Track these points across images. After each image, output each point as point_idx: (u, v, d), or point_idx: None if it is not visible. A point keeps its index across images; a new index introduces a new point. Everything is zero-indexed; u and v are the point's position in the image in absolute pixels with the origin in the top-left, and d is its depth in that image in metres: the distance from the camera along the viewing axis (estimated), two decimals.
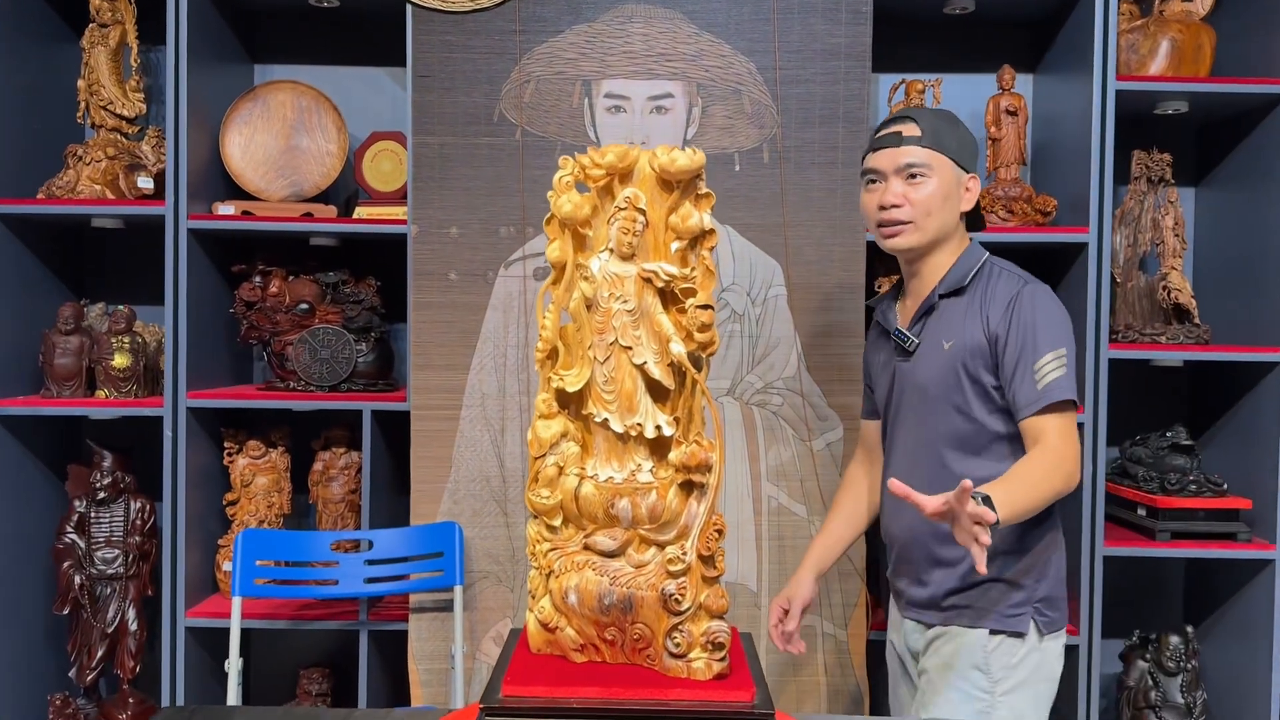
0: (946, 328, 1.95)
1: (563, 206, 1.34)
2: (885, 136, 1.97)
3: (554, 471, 1.37)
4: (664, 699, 1.27)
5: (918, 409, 1.98)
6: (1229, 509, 2.59)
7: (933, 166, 1.93)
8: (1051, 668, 1.96)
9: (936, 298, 1.97)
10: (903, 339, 2.00)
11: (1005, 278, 1.96)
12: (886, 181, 1.95)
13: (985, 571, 1.56)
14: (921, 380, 1.97)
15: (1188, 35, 2.63)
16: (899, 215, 1.94)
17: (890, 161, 1.95)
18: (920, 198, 1.93)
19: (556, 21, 2.55)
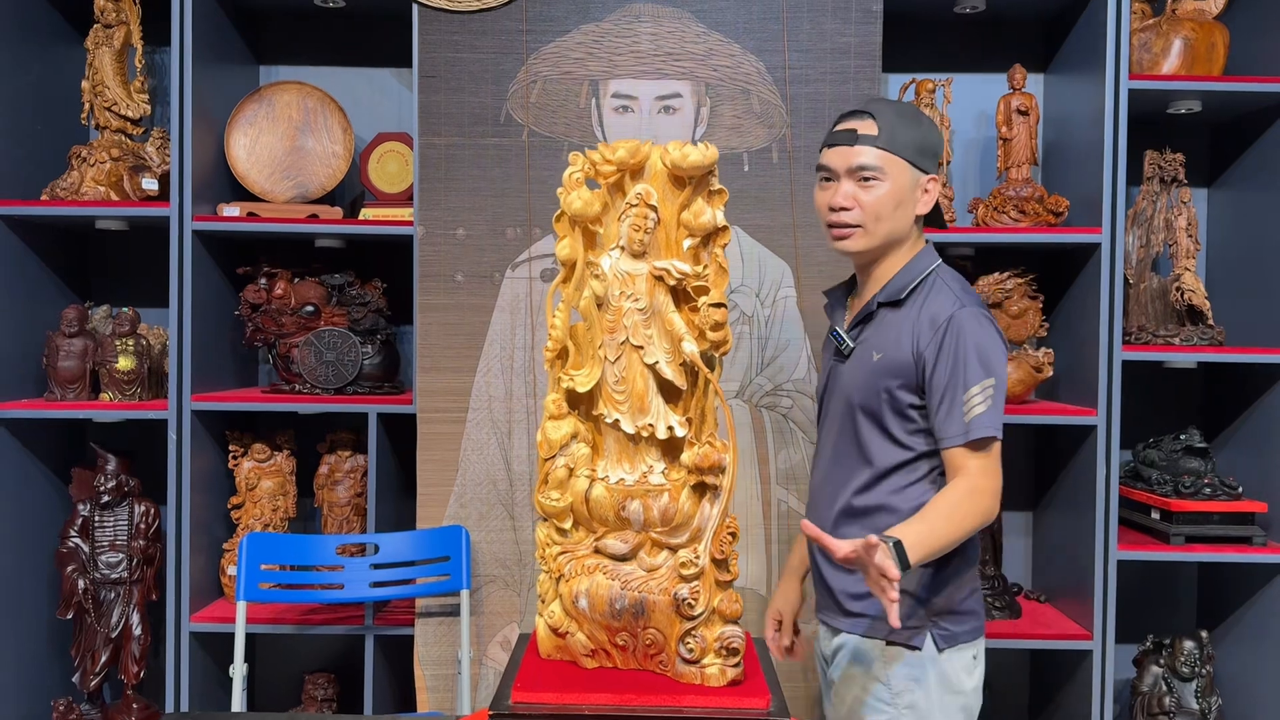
0: (880, 339, 1.88)
1: (573, 203, 1.32)
2: (840, 133, 1.88)
3: (564, 473, 1.34)
4: (677, 705, 1.25)
5: (842, 415, 1.92)
6: (1244, 512, 2.56)
7: (886, 170, 1.85)
8: (958, 681, 1.87)
9: (875, 305, 1.90)
10: (839, 340, 1.94)
11: (943, 295, 1.87)
12: (838, 181, 1.87)
13: (897, 625, 1.53)
14: (848, 387, 1.90)
15: (1201, 34, 2.61)
16: (848, 219, 1.86)
17: (843, 161, 1.86)
18: (870, 201, 1.85)
19: (564, 21, 2.53)
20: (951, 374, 1.78)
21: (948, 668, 1.85)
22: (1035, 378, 2.66)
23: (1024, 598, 2.82)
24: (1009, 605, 2.67)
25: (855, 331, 1.93)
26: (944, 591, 1.87)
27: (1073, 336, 2.68)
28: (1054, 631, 2.58)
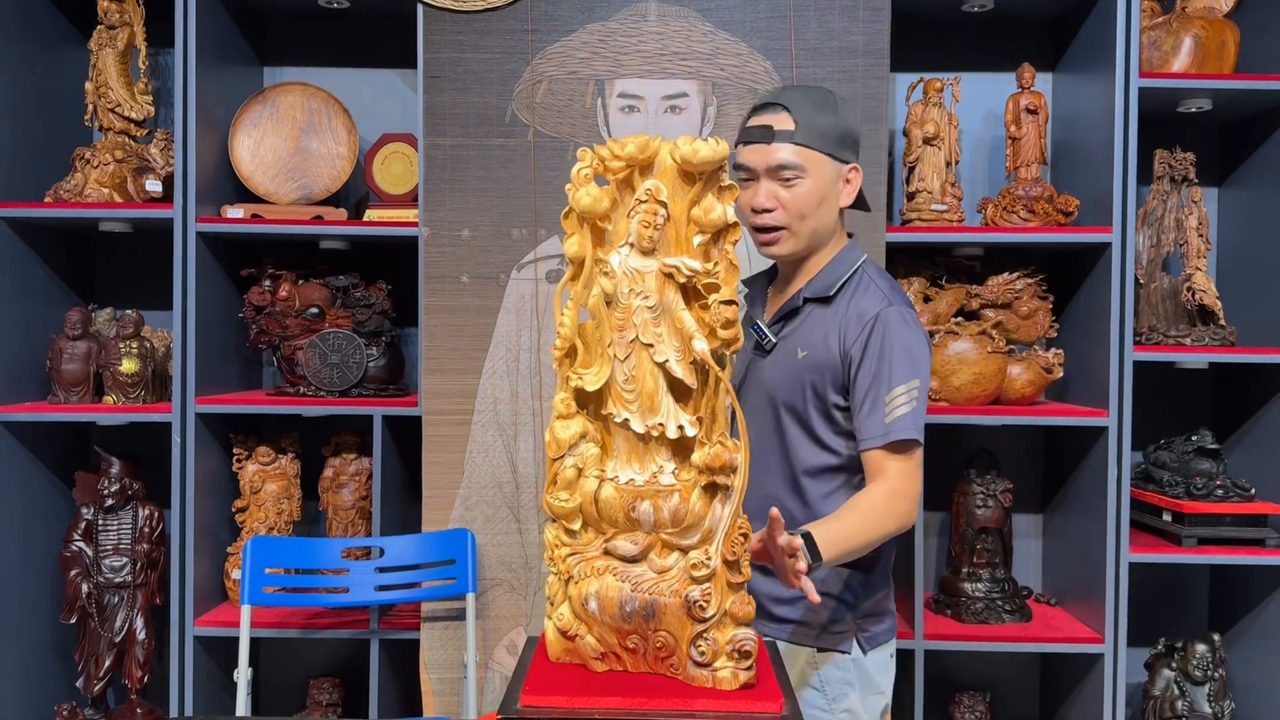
0: (805, 335, 1.84)
1: (581, 200, 1.30)
2: (755, 130, 1.81)
3: (573, 474, 1.32)
4: (689, 709, 1.23)
5: (762, 412, 1.87)
6: (1256, 514, 2.54)
7: (806, 167, 1.79)
8: (880, 681, 1.88)
9: (802, 300, 1.87)
10: (760, 334, 1.89)
11: (870, 293, 1.84)
12: (759, 181, 1.81)
13: (818, 601, 1.48)
14: (770, 383, 1.86)
15: (1211, 32, 2.59)
16: (772, 220, 1.81)
17: (761, 159, 1.80)
18: (793, 200, 1.80)
19: (569, 20, 2.51)
20: (876, 373, 1.75)
21: (871, 669, 1.86)
22: (1045, 379, 2.64)
23: (1034, 601, 2.79)
24: (1019, 608, 2.64)
25: (778, 326, 1.88)
26: (869, 594, 1.87)
27: (1083, 337, 2.66)
28: (1065, 635, 2.56)
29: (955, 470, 2.74)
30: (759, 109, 1.84)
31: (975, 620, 2.62)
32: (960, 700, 2.72)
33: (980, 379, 2.58)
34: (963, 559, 2.68)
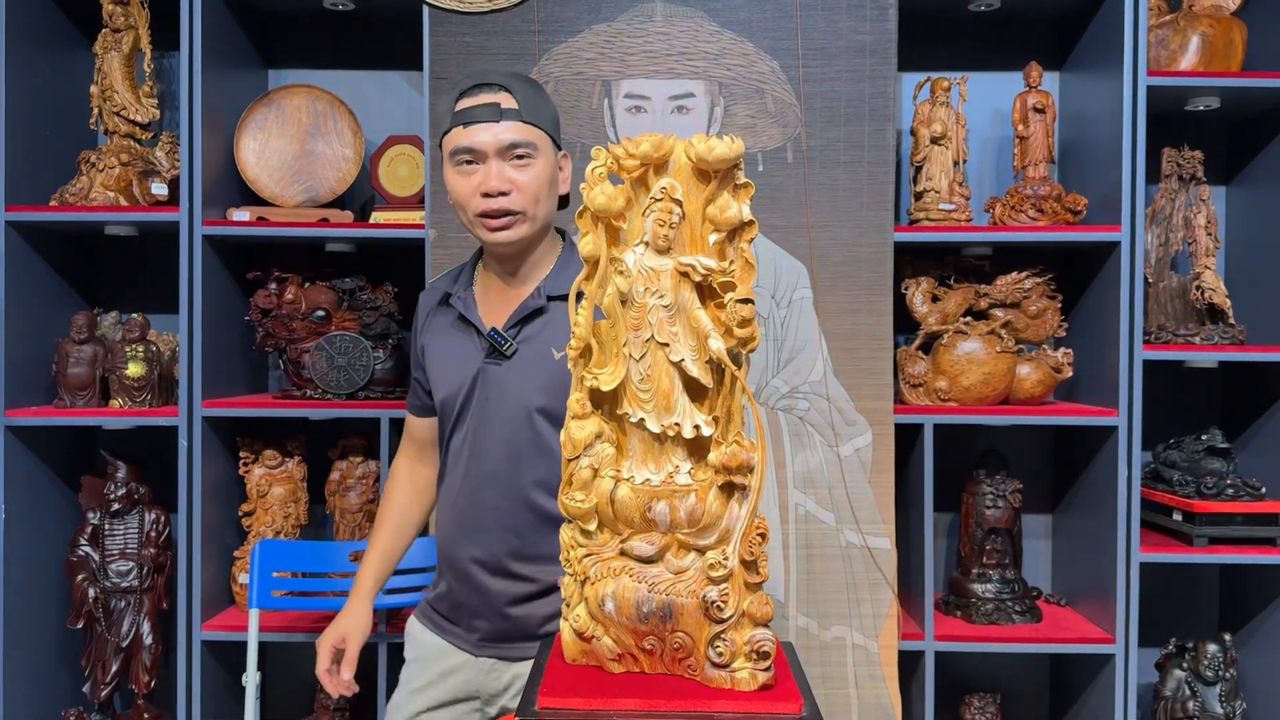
0: (558, 335, 1.76)
1: (596, 199, 1.29)
2: (480, 109, 1.72)
3: (588, 474, 1.31)
4: (707, 710, 1.22)
5: (514, 423, 1.77)
6: (1268, 513, 2.53)
7: (538, 146, 1.73)
8: None
9: (545, 299, 1.79)
10: (500, 341, 1.78)
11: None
12: (486, 163, 1.72)
13: None
14: (521, 391, 1.76)
15: (1218, 30, 2.58)
16: (509, 204, 1.72)
17: (491, 138, 1.71)
18: (529, 182, 1.72)
19: (575, 21, 2.51)
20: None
21: None
22: (1054, 378, 2.63)
23: (1044, 601, 2.79)
24: (1029, 609, 2.64)
25: (515, 330, 1.79)
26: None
27: (1092, 336, 2.65)
28: (1075, 635, 2.55)
29: (964, 470, 2.74)
30: (471, 90, 1.74)
31: (985, 621, 2.61)
32: (970, 702, 2.71)
33: (989, 379, 2.57)
34: (972, 560, 2.67)
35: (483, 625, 1.84)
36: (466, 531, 1.82)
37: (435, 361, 1.88)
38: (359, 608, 1.94)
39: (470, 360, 1.81)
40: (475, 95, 1.74)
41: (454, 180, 1.76)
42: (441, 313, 1.90)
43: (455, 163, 1.75)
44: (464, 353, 1.83)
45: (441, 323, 1.89)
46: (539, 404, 1.76)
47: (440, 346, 1.88)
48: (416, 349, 1.94)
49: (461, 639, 1.87)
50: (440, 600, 1.91)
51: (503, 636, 1.83)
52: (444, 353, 1.87)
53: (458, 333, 1.85)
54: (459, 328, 1.85)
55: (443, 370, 1.86)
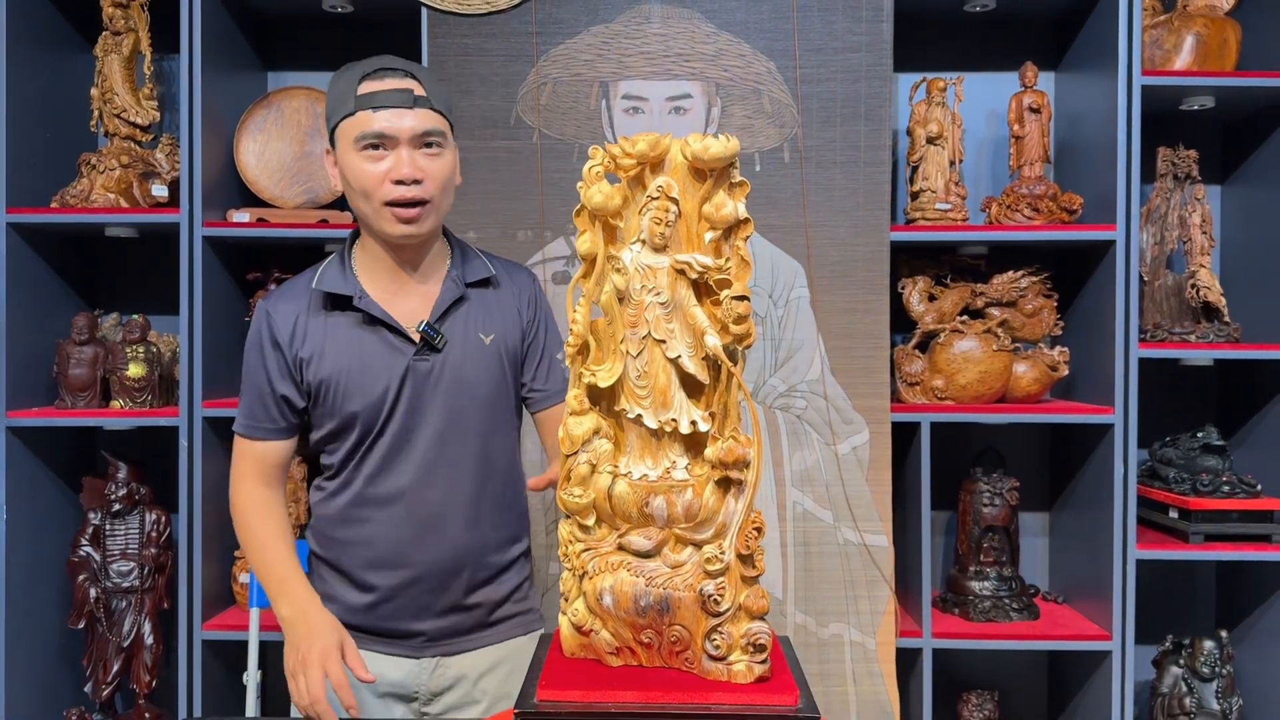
0: (483, 321, 1.77)
1: (593, 197, 1.30)
2: (392, 94, 1.66)
3: (586, 469, 1.33)
4: (704, 703, 1.23)
5: (461, 413, 1.75)
6: (1263, 510, 2.55)
7: (445, 136, 1.71)
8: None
9: (464, 287, 1.78)
10: (432, 335, 1.73)
11: (512, 265, 1.89)
12: (397, 150, 1.67)
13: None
14: (460, 380, 1.74)
15: (1213, 30, 2.60)
16: (421, 193, 1.67)
17: (406, 125, 1.66)
18: (439, 171, 1.69)
19: (573, 23, 2.52)
20: (550, 333, 1.87)
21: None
22: (1051, 376, 2.65)
23: (1042, 599, 2.80)
24: (1027, 606, 2.65)
25: (439, 321, 1.76)
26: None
27: (1088, 335, 2.66)
28: (1072, 632, 2.56)
29: (962, 469, 2.75)
30: (376, 74, 1.69)
31: (983, 619, 2.62)
32: (968, 699, 2.72)
33: (986, 377, 2.58)
34: (970, 557, 2.69)
35: (427, 626, 1.80)
36: (415, 534, 1.77)
37: (339, 371, 1.75)
38: (327, 617, 1.73)
39: (390, 361, 1.74)
40: (381, 79, 1.68)
41: (358, 165, 1.68)
42: (322, 319, 1.76)
43: (361, 148, 1.67)
44: (379, 355, 1.74)
45: (327, 330, 1.76)
46: (487, 391, 1.77)
47: (342, 354, 1.75)
48: (283, 363, 1.78)
49: (397, 646, 1.82)
50: (357, 614, 1.81)
51: (453, 631, 1.81)
52: (351, 360, 1.75)
53: (360, 337, 1.75)
54: (359, 331, 1.75)
55: (356, 378, 1.74)
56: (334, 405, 1.76)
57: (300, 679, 1.67)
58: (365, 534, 1.79)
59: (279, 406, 1.80)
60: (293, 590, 1.75)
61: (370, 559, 1.79)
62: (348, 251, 1.82)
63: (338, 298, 1.77)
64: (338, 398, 1.75)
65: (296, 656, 1.69)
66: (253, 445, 1.83)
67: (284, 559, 1.79)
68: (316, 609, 1.74)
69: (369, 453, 1.77)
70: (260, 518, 1.82)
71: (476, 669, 1.83)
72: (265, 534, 1.81)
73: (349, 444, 1.77)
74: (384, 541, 1.78)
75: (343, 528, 1.81)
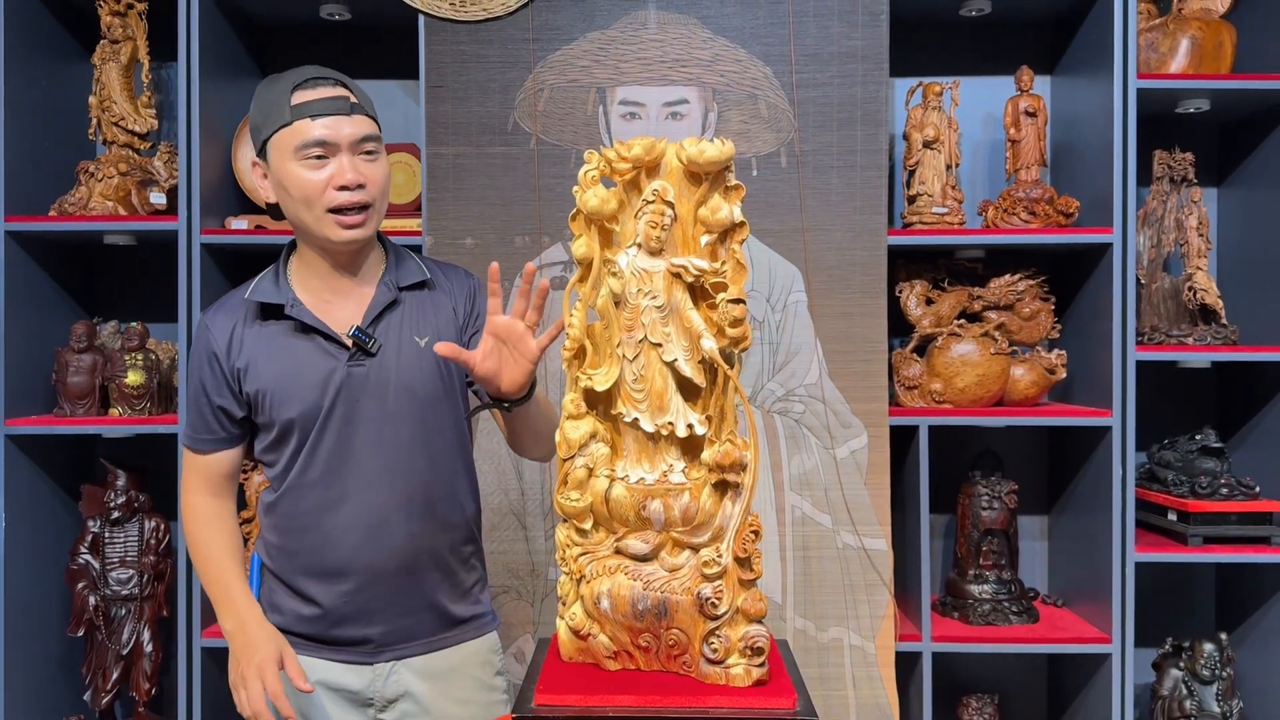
0: (417, 324, 1.78)
1: (589, 201, 1.31)
2: (329, 100, 1.68)
3: (583, 473, 1.33)
4: (703, 706, 1.23)
5: (400, 416, 1.75)
6: (1262, 512, 2.55)
7: (380, 141, 1.75)
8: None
9: (397, 290, 1.78)
10: (365, 339, 1.73)
11: (450, 267, 1.88)
12: (338, 157, 1.68)
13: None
14: (406, 382, 1.75)
15: (1208, 33, 2.60)
16: (364, 197, 1.69)
17: (348, 131, 1.68)
18: (378, 176, 1.71)
19: (570, 29, 2.53)
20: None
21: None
22: (1048, 380, 2.65)
23: (1041, 602, 2.80)
24: (1026, 610, 2.65)
25: (372, 326, 1.76)
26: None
27: (1085, 338, 2.67)
28: (1072, 635, 2.56)
29: (960, 472, 2.75)
30: (308, 84, 1.70)
31: (982, 622, 2.62)
32: (968, 702, 2.72)
33: (984, 380, 2.59)
34: (969, 561, 2.69)
35: (376, 632, 1.79)
36: (361, 539, 1.75)
37: (274, 380, 1.75)
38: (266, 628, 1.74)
39: (324, 367, 1.74)
40: (314, 89, 1.69)
41: (298, 174, 1.68)
42: (257, 329, 1.78)
43: (301, 157, 1.68)
44: (313, 362, 1.74)
45: (262, 340, 1.77)
46: (425, 391, 1.77)
47: (276, 363, 1.76)
48: (220, 375, 1.79)
49: (350, 653, 1.80)
50: (307, 623, 1.81)
51: (405, 635, 1.80)
52: (285, 368, 1.75)
53: (294, 345, 1.76)
54: (294, 338, 1.76)
55: (290, 386, 1.75)
56: (271, 414, 1.76)
57: (241, 692, 1.69)
58: (310, 542, 1.78)
59: (217, 418, 1.80)
60: (233, 602, 1.76)
61: (317, 566, 1.78)
62: (283, 262, 1.83)
63: (271, 307, 1.78)
64: (274, 406, 1.76)
65: (237, 670, 1.71)
66: (197, 457, 1.84)
67: (226, 571, 1.79)
68: (255, 620, 1.74)
69: (309, 460, 1.77)
70: (205, 529, 1.83)
71: (430, 673, 1.82)
72: (209, 546, 1.82)
73: (288, 452, 1.78)
74: (330, 548, 1.77)
75: (289, 536, 1.80)
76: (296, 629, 1.80)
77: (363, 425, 1.75)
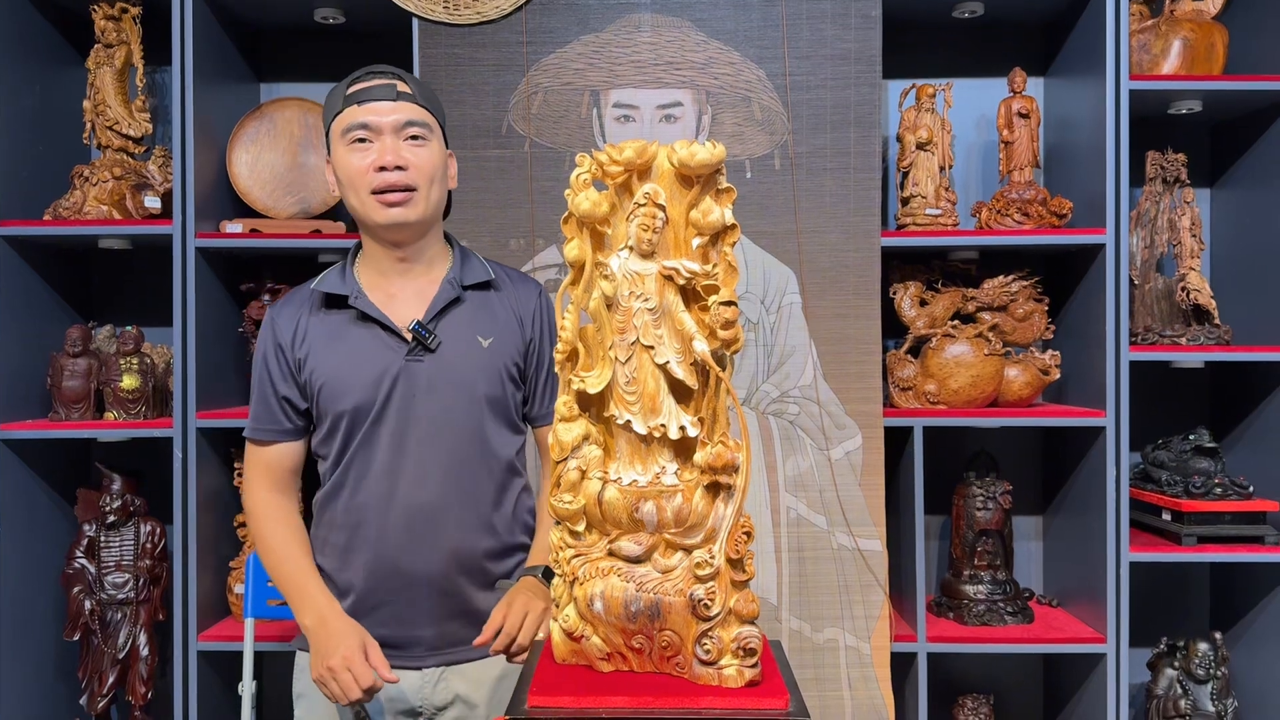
0: (481, 324, 1.78)
1: (581, 204, 1.31)
2: (377, 88, 1.73)
3: (576, 476, 1.33)
4: (696, 707, 1.23)
5: (455, 415, 1.74)
6: (1255, 512, 2.55)
7: (431, 129, 1.76)
8: None
9: (461, 288, 1.79)
10: (424, 335, 1.74)
11: (515, 274, 1.88)
12: (380, 139, 1.72)
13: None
14: (464, 381, 1.74)
15: (1200, 34, 2.61)
16: (405, 179, 1.71)
17: (389, 115, 1.72)
18: (424, 162, 1.73)
19: (564, 32, 2.53)
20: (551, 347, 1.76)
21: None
22: (1042, 380, 2.65)
23: (1036, 602, 2.80)
24: (1021, 610, 2.65)
25: (434, 322, 1.76)
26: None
27: (1079, 338, 2.67)
28: (1067, 635, 2.57)
29: (955, 473, 2.76)
30: (364, 76, 1.76)
31: (977, 622, 2.63)
32: (964, 703, 2.72)
33: (978, 381, 2.59)
34: (964, 561, 2.69)
35: (426, 634, 1.78)
36: (410, 538, 1.75)
37: (332, 370, 1.76)
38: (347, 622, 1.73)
39: (383, 360, 1.74)
40: (368, 80, 1.75)
41: (345, 159, 1.73)
42: (320, 319, 1.80)
43: (347, 141, 1.73)
44: (372, 354, 1.75)
45: (324, 330, 1.79)
46: (484, 391, 1.76)
47: (335, 353, 1.77)
48: (284, 365, 1.80)
49: (399, 656, 1.77)
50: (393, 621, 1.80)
51: (453, 640, 1.79)
52: (343, 358, 1.76)
53: (354, 336, 1.77)
54: (354, 330, 1.77)
55: (347, 377, 1.75)
56: (326, 404, 1.77)
57: (332, 685, 1.66)
58: (361, 538, 1.78)
59: (282, 408, 1.82)
60: (311, 598, 1.75)
61: (367, 564, 1.78)
62: (351, 257, 1.87)
63: (336, 298, 1.80)
64: (329, 397, 1.76)
65: (322, 665, 1.68)
66: (262, 450, 1.84)
67: (300, 568, 1.79)
68: (335, 614, 1.74)
69: (360, 453, 1.77)
70: (273, 525, 1.82)
71: (480, 680, 1.80)
72: (279, 542, 1.81)
73: (339, 444, 1.78)
74: (380, 545, 1.77)
75: (340, 532, 1.80)
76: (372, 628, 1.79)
77: (418, 423, 1.74)
